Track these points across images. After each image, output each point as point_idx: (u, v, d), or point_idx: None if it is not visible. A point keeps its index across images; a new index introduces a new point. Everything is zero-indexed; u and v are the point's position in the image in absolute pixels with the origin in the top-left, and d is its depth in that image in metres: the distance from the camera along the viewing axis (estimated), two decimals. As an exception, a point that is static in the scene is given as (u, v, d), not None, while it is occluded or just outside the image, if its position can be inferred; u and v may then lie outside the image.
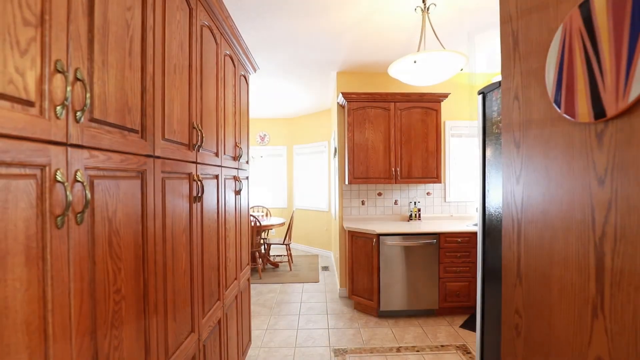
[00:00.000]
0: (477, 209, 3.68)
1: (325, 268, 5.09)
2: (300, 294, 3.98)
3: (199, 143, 1.46)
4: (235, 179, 2.12)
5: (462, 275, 3.22)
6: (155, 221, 1.08)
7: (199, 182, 1.46)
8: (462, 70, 2.00)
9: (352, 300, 3.61)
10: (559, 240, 0.77)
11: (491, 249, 1.15)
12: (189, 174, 1.38)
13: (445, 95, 3.47)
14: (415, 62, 1.81)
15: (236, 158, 2.13)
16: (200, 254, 1.50)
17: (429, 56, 1.78)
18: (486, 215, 1.14)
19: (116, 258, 0.87)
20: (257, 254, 4.76)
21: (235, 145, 2.12)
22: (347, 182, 3.56)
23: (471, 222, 3.65)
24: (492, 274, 1.17)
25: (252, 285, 4.29)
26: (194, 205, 1.42)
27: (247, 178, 2.47)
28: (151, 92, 1.06)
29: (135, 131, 0.98)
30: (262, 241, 6.03)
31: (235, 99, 2.11)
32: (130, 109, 0.95)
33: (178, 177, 1.27)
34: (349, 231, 3.41)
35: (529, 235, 0.88)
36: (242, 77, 2.34)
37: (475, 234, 3.21)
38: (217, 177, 1.74)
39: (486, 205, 1.15)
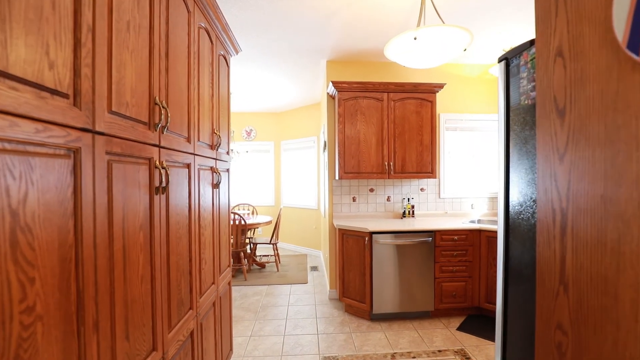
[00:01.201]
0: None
1: (314, 268, 4.87)
2: (287, 296, 3.75)
3: (162, 123, 1.22)
4: (213, 170, 1.88)
5: (458, 275, 3.05)
6: (97, 215, 0.84)
7: (162, 170, 1.22)
8: (465, 50, 1.82)
9: (343, 303, 3.40)
10: (634, 235, 0.56)
11: (508, 248, 0.96)
12: (149, 159, 1.14)
13: (441, 86, 3.30)
14: (415, 38, 1.62)
15: (214, 147, 1.89)
16: (166, 255, 1.26)
17: (431, 32, 1.58)
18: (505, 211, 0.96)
19: (25, 264, 0.63)
20: (243, 254, 4.51)
21: (213, 132, 1.88)
22: (337, 178, 3.35)
23: (467, 219, 3.50)
24: (514, 276, 0.97)
25: (236, 288, 4.04)
26: (157, 198, 1.18)
27: (227, 170, 2.23)
28: (89, 47, 0.82)
29: (63, 95, 0.74)
30: (247, 241, 5.77)
31: (212, 80, 1.87)
32: (54, 63, 0.70)
33: (133, 161, 1.03)
34: (339, 229, 3.20)
35: (580, 228, 0.68)
36: (222, 58, 2.10)
37: (472, 231, 3.05)
38: (188, 166, 1.50)
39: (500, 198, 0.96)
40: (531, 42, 0.81)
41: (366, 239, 3.00)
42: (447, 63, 3.68)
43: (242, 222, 4.36)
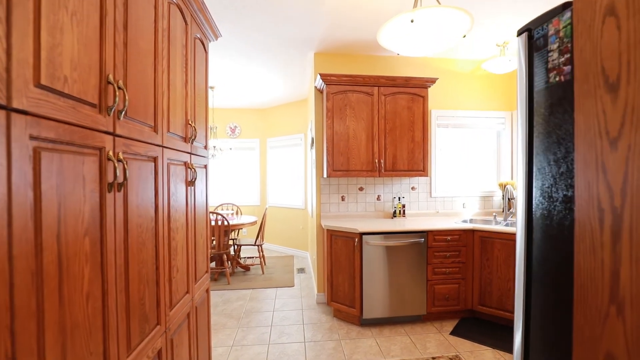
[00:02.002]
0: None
1: (301, 270, 4.70)
2: (273, 300, 3.56)
3: (119, 107, 1.02)
4: (187, 166, 1.68)
5: (451, 277, 2.93)
6: (14, 218, 0.64)
7: (119, 163, 1.02)
8: (464, 37, 1.69)
9: (331, 307, 3.24)
10: None
11: (531, 252, 0.82)
12: (100, 150, 0.94)
13: (433, 81, 3.18)
14: (412, 21, 1.47)
15: (188, 140, 1.68)
16: (124, 265, 1.06)
17: (430, 13, 1.43)
18: (519, 211, 0.81)
19: None
20: (226, 256, 4.29)
21: (187, 123, 1.68)
22: (325, 175, 3.18)
23: (459, 219, 3.39)
24: (536, 282, 0.83)
25: (219, 293, 3.81)
26: (110, 196, 0.98)
27: (205, 167, 2.02)
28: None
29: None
30: (231, 242, 5.54)
31: (187, 65, 1.67)
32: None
33: (76, 151, 0.83)
34: (327, 230, 3.03)
35: (645, 234, 0.52)
36: (198, 42, 1.89)
37: (465, 231, 2.93)
38: (155, 159, 1.30)
39: (517, 196, 0.82)
40: (564, 6, 0.67)
41: (356, 240, 2.84)
42: (439, 58, 3.57)
43: (225, 223, 4.14)
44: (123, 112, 1.03)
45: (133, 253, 1.12)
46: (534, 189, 0.77)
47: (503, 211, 3.45)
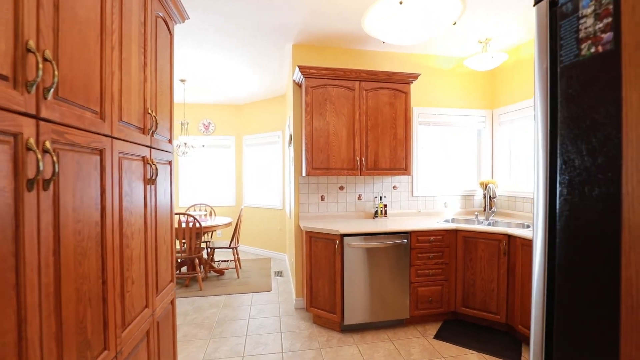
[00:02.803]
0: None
1: (279, 273, 4.50)
2: (248, 307, 3.35)
3: (44, 83, 0.80)
4: (147, 161, 1.46)
5: (434, 279, 2.85)
6: None
7: (45, 155, 0.80)
8: (454, 24, 1.58)
9: (311, 313, 3.07)
10: None
11: (554, 260, 0.69)
12: (14, 136, 0.72)
13: (416, 76, 3.09)
14: (401, 2, 1.33)
15: (146, 131, 1.46)
16: (53, 283, 0.84)
17: (420, -5, 1.31)
18: (537, 209, 0.69)
19: None
20: (198, 260, 4.02)
21: (146, 112, 1.45)
22: (304, 174, 3.01)
23: (441, 219, 3.33)
24: (560, 295, 0.70)
25: (189, 300, 3.55)
26: (31, 196, 0.76)
27: (169, 163, 1.80)
28: None
29: None
30: (204, 245, 5.25)
31: (146, 45, 1.45)
32: None
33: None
34: (307, 232, 2.86)
35: None
36: (161, 21, 1.67)
37: (448, 231, 2.86)
38: (101, 152, 1.08)
39: (536, 193, 0.69)
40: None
41: (337, 242, 2.69)
42: (420, 54, 3.49)
43: (197, 225, 3.87)
44: (51, 91, 0.82)
45: (68, 267, 0.90)
46: (557, 186, 0.65)
47: (484, 210, 3.41)
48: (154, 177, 1.53)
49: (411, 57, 3.49)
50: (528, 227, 2.87)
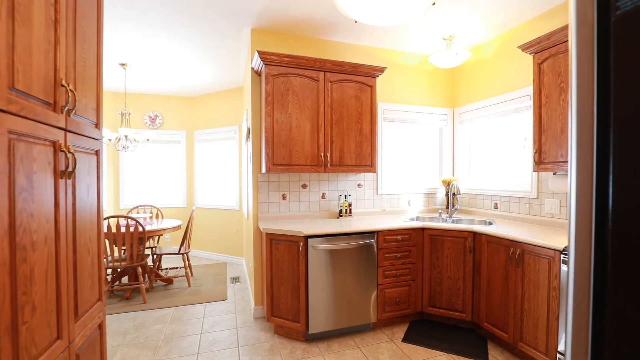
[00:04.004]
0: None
1: (236, 279, 4.15)
2: (201, 319, 2.99)
3: None
4: (59, 147, 1.12)
5: (402, 279, 2.75)
6: None
7: None
8: (434, 4, 1.45)
9: (272, 323, 2.81)
10: None
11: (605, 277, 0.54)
12: None
13: (382, 70, 2.97)
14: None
15: (59, 109, 1.12)
16: None
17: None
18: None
19: None
20: (141, 269, 3.54)
21: (58, 83, 1.11)
22: (264, 170, 2.74)
23: (406, 217, 3.26)
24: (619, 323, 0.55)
25: (131, 315, 3.09)
26: None
27: (96, 153, 1.45)
28: None
29: None
30: (150, 251, 4.73)
31: (57, -5, 1.10)
32: None
33: None
34: (267, 234, 2.60)
35: None
36: (84, -27, 1.32)
37: (415, 230, 2.77)
38: (-27, 128, 0.75)
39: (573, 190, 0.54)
40: None
41: (300, 244, 2.47)
42: (386, 49, 3.40)
43: (140, 229, 3.40)
44: None
45: None
46: (611, 182, 0.50)
47: (447, 207, 3.42)
48: (71, 169, 1.18)
49: (377, 51, 3.38)
50: (490, 223, 2.89)
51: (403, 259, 2.75)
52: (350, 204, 3.22)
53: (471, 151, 3.52)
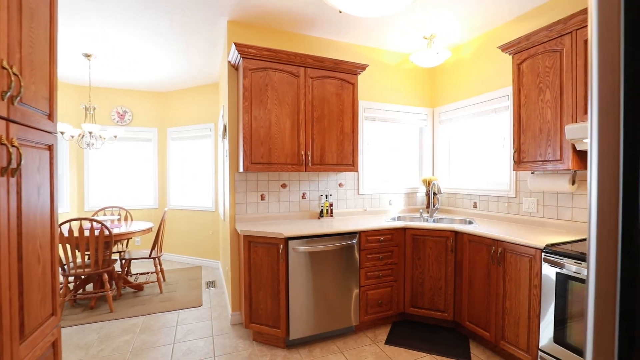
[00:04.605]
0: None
1: (212, 284, 3.97)
2: (174, 328, 2.81)
3: None
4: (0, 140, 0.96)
5: (384, 280, 2.71)
6: None
7: None
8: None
9: (250, 330, 2.68)
10: None
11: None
12: None
13: (363, 67, 2.92)
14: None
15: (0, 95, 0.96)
16: None
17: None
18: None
19: None
20: (107, 275, 3.29)
21: (-2, 64, 0.95)
22: (241, 169, 2.61)
23: (387, 217, 3.22)
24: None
25: (96, 326, 2.85)
26: None
27: (49, 148, 1.28)
28: None
29: None
30: (118, 256, 4.46)
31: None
32: None
33: None
34: (245, 236, 2.47)
35: None
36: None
37: (397, 230, 2.74)
38: None
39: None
40: None
41: (280, 246, 2.36)
42: (368, 46, 3.35)
43: (106, 233, 3.16)
44: None
45: None
46: None
47: (428, 207, 3.42)
48: (15, 166, 1.02)
49: (358, 48, 3.33)
50: (470, 222, 2.91)
51: (385, 259, 2.70)
52: (331, 204, 3.14)
53: (451, 151, 3.54)
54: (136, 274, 4.05)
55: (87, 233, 3.21)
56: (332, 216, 3.15)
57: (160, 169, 5.11)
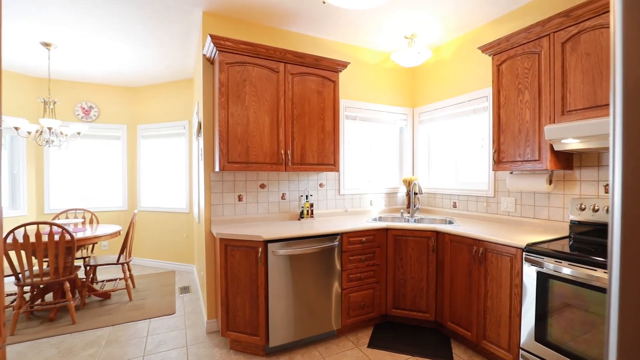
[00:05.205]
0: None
1: (185, 289, 3.78)
2: (144, 339, 2.62)
3: None
4: None
5: (366, 282, 2.65)
6: None
7: None
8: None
9: (228, 338, 2.54)
10: None
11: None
12: None
13: (345, 65, 2.85)
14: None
15: None
16: None
17: None
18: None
19: None
20: (69, 284, 3.04)
21: None
22: (217, 169, 2.47)
23: (369, 217, 3.18)
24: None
25: (55, 340, 2.61)
26: None
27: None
28: None
29: None
30: (83, 262, 4.17)
31: None
32: None
33: None
34: (221, 239, 2.34)
35: None
36: None
37: (379, 230, 2.69)
38: None
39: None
40: None
41: (259, 250, 2.25)
42: (349, 44, 3.29)
43: (68, 238, 2.91)
44: None
45: None
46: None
47: (409, 207, 3.41)
48: (-58, 164, 0.86)
49: (339, 46, 3.26)
50: (451, 222, 2.91)
51: (367, 260, 2.65)
52: (312, 205, 3.05)
53: (430, 151, 3.56)
54: (103, 281, 3.78)
55: (45, 238, 2.95)
56: (312, 217, 3.06)
57: (130, 169, 4.83)
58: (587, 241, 2.04)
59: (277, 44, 2.97)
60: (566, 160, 2.20)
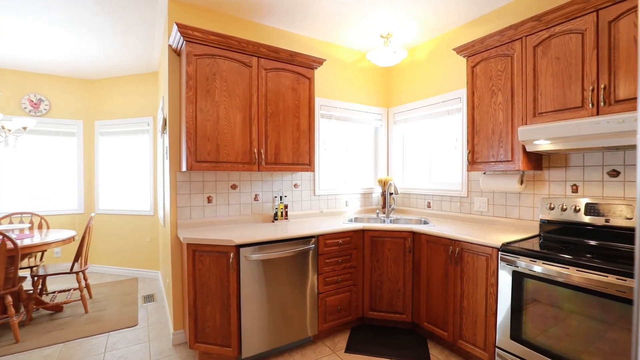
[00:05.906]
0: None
1: (150, 298, 3.52)
2: (101, 355, 2.38)
3: None
4: None
5: (343, 285, 2.59)
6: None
7: None
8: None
9: (196, 351, 2.37)
10: None
11: None
12: None
13: (320, 62, 2.77)
14: None
15: None
16: None
17: None
18: None
19: None
20: (11, 297, 2.71)
21: None
22: (184, 168, 2.30)
23: (344, 218, 3.12)
24: None
25: (-8, 362, 2.31)
26: None
27: None
28: None
29: None
30: (30, 272, 3.79)
31: None
32: None
33: None
34: (188, 245, 2.17)
35: None
36: None
37: (356, 232, 2.64)
38: None
39: None
40: None
41: (231, 255, 2.10)
42: (325, 42, 3.21)
43: (10, 245, 2.59)
44: None
45: None
46: None
47: (384, 207, 3.39)
48: None
49: (315, 42, 3.17)
50: (426, 222, 2.92)
51: (344, 263, 2.59)
52: (286, 206, 2.94)
53: (405, 152, 3.57)
54: (53, 292, 3.43)
55: (-17, 246, 2.60)
56: (287, 219, 2.95)
57: (86, 168, 4.44)
58: (556, 239, 2.10)
59: (250, 36, 2.83)
60: (536, 160, 2.26)
